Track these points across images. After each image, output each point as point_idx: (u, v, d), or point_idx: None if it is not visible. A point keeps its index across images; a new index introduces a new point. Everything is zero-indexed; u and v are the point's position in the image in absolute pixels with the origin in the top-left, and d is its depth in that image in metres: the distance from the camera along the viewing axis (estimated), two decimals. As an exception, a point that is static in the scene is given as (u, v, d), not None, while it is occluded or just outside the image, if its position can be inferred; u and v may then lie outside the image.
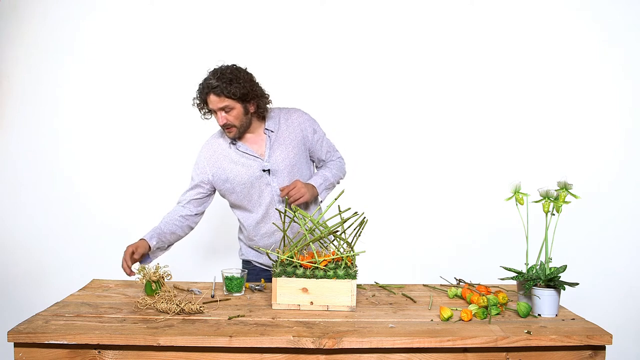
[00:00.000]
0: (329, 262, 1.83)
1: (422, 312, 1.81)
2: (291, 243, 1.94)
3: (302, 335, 1.56)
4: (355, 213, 1.87)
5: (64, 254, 3.33)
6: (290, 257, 1.86)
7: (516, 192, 1.84)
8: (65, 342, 1.55)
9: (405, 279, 2.39)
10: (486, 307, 1.75)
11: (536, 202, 1.84)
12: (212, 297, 1.97)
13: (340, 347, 1.54)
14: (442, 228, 3.34)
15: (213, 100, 2.08)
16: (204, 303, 1.85)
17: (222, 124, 2.12)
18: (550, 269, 1.78)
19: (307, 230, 1.90)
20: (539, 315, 1.77)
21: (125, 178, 3.34)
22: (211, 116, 2.18)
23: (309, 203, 2.26)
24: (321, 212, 2.30)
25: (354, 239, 1.88)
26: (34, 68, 3.30)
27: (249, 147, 2.21)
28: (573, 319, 1.75)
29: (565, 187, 1.79)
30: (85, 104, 3.33)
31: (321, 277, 1.80)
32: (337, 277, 1.80)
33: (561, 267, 1.78)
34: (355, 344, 1.54)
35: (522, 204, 1.83)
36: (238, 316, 1.74)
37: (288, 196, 2.09)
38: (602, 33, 3.25)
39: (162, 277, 2.00)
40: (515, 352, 1.59)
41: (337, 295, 1.80)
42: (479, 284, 2.08)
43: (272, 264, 1.87)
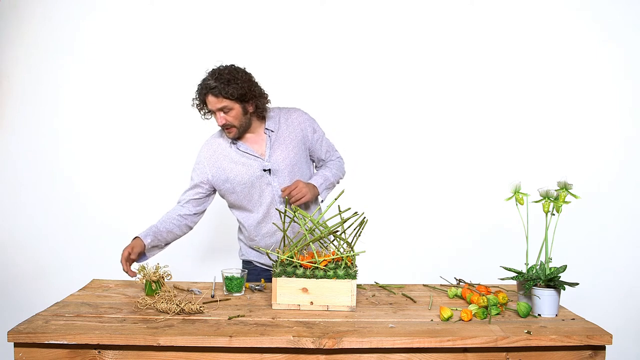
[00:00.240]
0: (329, 262, 1.83)
1: (422, 312, 1.81)
2: (291, 243, 1.94)
3: (302, 335, 1.56)
4: (355, 213, 1.87)
5: (64, 254, 3.33)
6: (290, 257, 1.86)
7: (516, 192, 1.84)
8: (65, 342, 1.55)
9: (405, 279, 2.39)
10: (486, 307, 1.75)
11: (536, 202, 1.84)
12: (212, 297, 1.97)
13: (340, 347, 1.54)
14: (442, 228, 3.34)
15: (211, 101, 2.08)
16: (204, 303, 1.85)
17: (222, 124, 2.12)
18: (550, 269, 1.78)
19: (307, 230, 1.90)
20: (539, 315, 1.77)
21: (125, 178, 3.34)
22: (211, 116, 2.18)
23: (310, 203, 2.27)
24: (321, 212, 2.30)
25: (354, 239, 1.88)
26: (34, 68, 3.30)
27: (250, 146, 2.21)
28: (573, 319, 1.75)
29: (565, 187, 1.79)
30: (85, 104, 3.33)
31: (321, 277, 1.80)
32: (337, 277, 1.80)
33: (561, 267, 1.78)
34: (355, 344, 1.54)
35: (522, 204, 1.83)
36: (238, 316, 1.74)
37: (289, 196, 2.09)
38: (602, 33, 3.26)
39: (162, 277, 2.00)
40: (515, 352, 1.59)
41: (337, 295, 1.80)
42: (479, 284, 2.08)
43: (272, 264, 1.87)
